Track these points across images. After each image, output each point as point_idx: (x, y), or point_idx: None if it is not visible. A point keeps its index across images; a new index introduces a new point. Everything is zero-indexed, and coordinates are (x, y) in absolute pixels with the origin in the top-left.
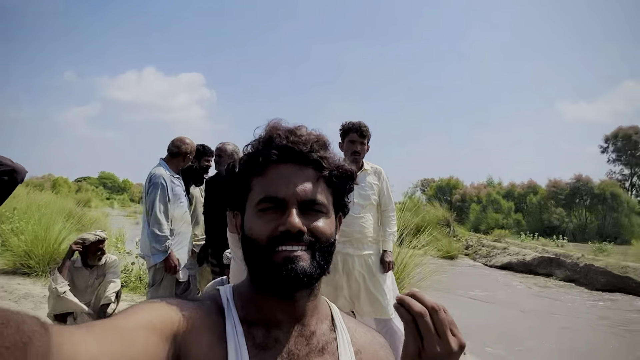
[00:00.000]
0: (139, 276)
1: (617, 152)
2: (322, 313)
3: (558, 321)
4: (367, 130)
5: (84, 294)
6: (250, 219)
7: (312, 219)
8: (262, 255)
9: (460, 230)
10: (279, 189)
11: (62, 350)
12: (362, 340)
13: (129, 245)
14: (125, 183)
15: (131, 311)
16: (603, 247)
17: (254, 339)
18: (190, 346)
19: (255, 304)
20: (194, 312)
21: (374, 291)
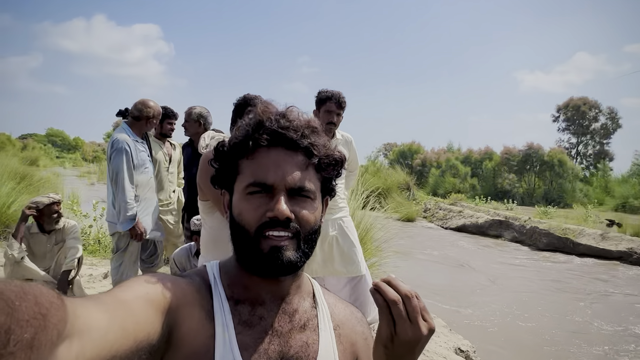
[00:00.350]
0: (98, 239)
1: (567, 121)
2: (305, 290)
3: (504, 278)
4: (344, 102)
5: (43, 261)
6: (238, 201)
7: (299, 205)
8: (250, 242)
9: (419, 194)
10: (268, 175)
11: (77, 321)
12: (341, 316)
13: (85, 207)
14: (77, 141)
15: (128, 284)
16: (547, 210)
17: (240, 317)
18: (182, 320)
19: (242, 283)
20: (186, 288)
21: (348, 251)
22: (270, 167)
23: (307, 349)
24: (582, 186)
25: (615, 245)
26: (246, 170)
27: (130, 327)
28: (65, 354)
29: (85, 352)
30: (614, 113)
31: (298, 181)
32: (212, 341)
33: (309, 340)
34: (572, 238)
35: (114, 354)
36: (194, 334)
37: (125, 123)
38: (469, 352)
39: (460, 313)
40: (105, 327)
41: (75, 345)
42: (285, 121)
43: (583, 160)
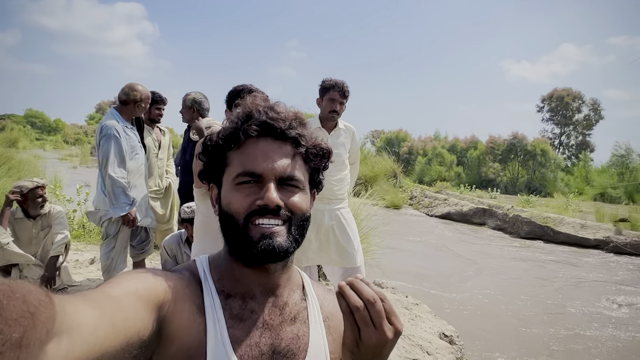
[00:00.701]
0: (82, 224)
1: (551, 112)
2: (294, 283)
3: (487, 264)
4: (348, 91)
5: (29, 246)
6: (227, 192)
7: (288, 194)
8: (239, 229)
9: (405, 182)
10: (257, 164)
11: (66, 318)
12: (330, 307)
13: (68, 192)
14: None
15: (118, 280)
16: (530, 199)
17: (231, 310)
18: (172, 316)
19: (232, 276)
20: (176, 283)
21: (343, 242)
22: (259, 156)
23: (297, 341)
24: (564, 176)
25: (593, 233)
26: (235, 161)
27: (120, 324)
28: (54, 352)
29: (74, 349)
30: (596, 104)
31: (287, 170)
32: (203, 335)
33: (300, 333)
34: (553, 226)
35: (104, 351)
36: (185, 329)
37: (114, 108)
38: (452, 337)
39: (445, 298)
40: (95, 323)
41: (64, 342)
42: (274, 113)
43: (565, 151)
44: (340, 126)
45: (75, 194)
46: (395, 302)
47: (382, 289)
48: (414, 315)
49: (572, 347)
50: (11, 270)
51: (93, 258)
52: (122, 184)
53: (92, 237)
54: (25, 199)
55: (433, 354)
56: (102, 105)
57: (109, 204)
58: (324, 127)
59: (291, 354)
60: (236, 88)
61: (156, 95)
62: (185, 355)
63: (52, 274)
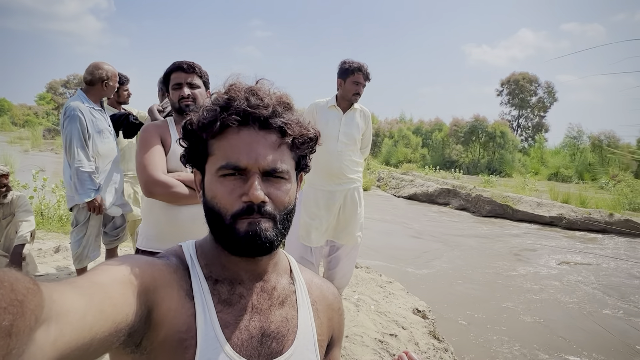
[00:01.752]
0: (40, 211)
1: (509, 95)
2: (282, 267)
3: (452, 242)
4: (370, 73)
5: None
6: (211, 183)
7: (273, 186)
8: (226, 226)
9: (373, 164)
10: (241, 157)
11: (54, 305)
12: (317, 292)
13: (21, 177)
14: (3, 103)
15: (104, 267)
16: (490, 179)
17: (220, 296)
18: (160, 301)
19: (219, 263)
20: (163, 269)
21: (350, 221)
22: (242, 148)
23: (287, 324)
24: (521, 157)
25: (547, 211)
26: (217, 152)
27: (108, 309)
28: (43, 339)
29: (63, 336)
30: (550, 87)
31: (271, 162)
32: (193, 320)
33: (288, 316)
34: (512, 205)
35: (92, 336)
36: (173, 313)
37: (81, 89)
38: (425, 312)
39: (416, 275)
40: (83, 310)
41: (53, 329)
42: (256, 99)
43: (523, 133)
44: (356, 107)
45: (31, 179)
46: (370, 280)
47: (356, 269)
48: (388, 293)
49: (529, 307)
50: None
51: (57, 247)
52: (86, 168)
53: (52, 224)
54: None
55: (408, 329)
56: (53, 84)
57: (73, 189)
58: (339, 107)
59: (280, 337)
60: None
61: (122, 77)
62: (175, 339)
63: (17, 262)
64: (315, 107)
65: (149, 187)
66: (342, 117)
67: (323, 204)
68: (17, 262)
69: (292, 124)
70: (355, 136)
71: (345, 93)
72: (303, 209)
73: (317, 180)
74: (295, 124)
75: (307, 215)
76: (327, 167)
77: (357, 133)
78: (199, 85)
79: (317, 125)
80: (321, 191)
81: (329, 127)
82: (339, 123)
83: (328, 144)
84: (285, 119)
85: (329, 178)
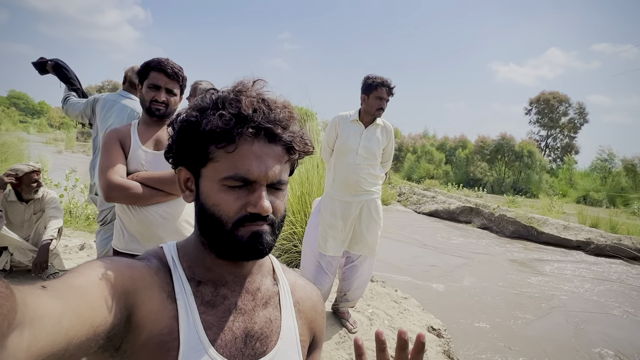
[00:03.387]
0: (69, 210)
1: (538, 114)
2: (266, 268)
3: (474, 261)
4: (393, 88)
5: (21, 230)
6: (212, 191)
7: (274, 196)
8: (227, 232)
9: (394, 178)
10: (252, 170)
11: (27, 309)
12: (301, 293)
13: (54, 176)
14: (42, 105)
15: (80, 271)
16: (515, 199)
17: (202, 297)
18: (140, 303)
19: (203, 265)
20: (143, 271)
21: (366, 232)
22: (252, 160)
23: (270, 325)
24: (549, 178)
25: (575, 235)
26: (223, 160)
27: (85, 313)
28: (16, 344)
29: (37, 341)
30: (582, 108)
31: (278, 175)
32: (175, 322)
33: (272, 317)
34: (537, 227)
35: (68, 341)
36: (154, 316)
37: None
38: (440, 330)
39: (432, 292)
40: (58, 314)
41: (26, 334)
42: (270, 111)
43: (551, 153)
44: (379, 122)
45: (63, 179)
46: (385, 295)
47: (371, 282)
48: (403, 309)
49: (552, 333)
50: (1, 253)
51: (83, 244)
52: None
53: (79, 223)
54: (20, 183)
55: None
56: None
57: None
58: (362, 121)
59: (264, 337)
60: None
61: None
62: (157, 342)
63: (44, 258)
64: (338, 119)
65: (107, 191)
66: (364, 132)
67: (340, 213)
68: (43, 258)
69: (297, 139)
70: (375, 151)
71: (368, 108)
72: (320, 218)
73: (335, 190)
74: (299, 139)
75: (324, 224)
76: (345, 179)
77: (378, 148)
78: (175, 93)
79: (338, 137)
80: (338, 201)
81: (349, 140)
82: (360, 137)
83: (347, 156)
84: (292, 134)
85: (346, 189)
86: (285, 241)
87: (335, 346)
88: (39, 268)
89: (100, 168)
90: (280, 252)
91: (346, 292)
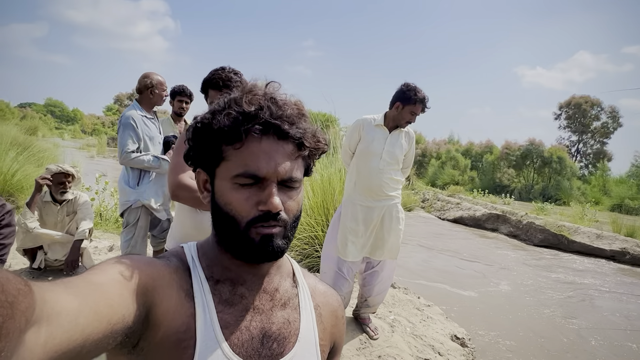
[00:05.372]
0: (100, 212)
1: (568, 119)
2: (285, 270)
3: (500, 270)
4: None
5: (53, 230)
6: (225, 190)
7: (287, 195)
8: (240, 232)
9: (418, 184)
10: (261, 167)
11: (45, 306)
12: (321, 297)
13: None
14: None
15: (101, 268)
16: (544, 207)
17: (220, 296)
18: (159, 301)
19: (221, 265)
20: (163, 269)
21: (388, 238)
22: (261, 157)
23: (288, 326)
24: (580, 184)
25: (609, 244)
26: (234, 159)
27: (103, 310)
28: (33, 340)
29: (54, 337)
30: (615, 112)
31: (289, 172)
32: (192, 320)
33: (290, 318)
34: (567, 235)
35: (85, 338)
36: (172, 314)
37: (136, 100)
38: (464, 340)
39: (457, 301)
40: (76, 311)
41: (44, 330)
42: (277, 108)
43: (583, 159)
44: (403, 128)
45: (94, 182)
46: (407, 302)
47: (394, 289)
48: (426, 317)
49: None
50: (37, 252)
51: (112, 245)
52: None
53: (109, 225)
54: (50, 182)
55: (444, 355)
56: (119, 96)
57: (125, 192)
58: (386, 125)
59: (282, 338)
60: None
61: (178, 88)
62: (173, 339)
63: (75, 256)
64: (362, 123)
65: (174, 190)
66: (388, 137)
67: (361, 218)
68: (74, 256)
69: (308, 136)
70: (398, 156)
71: (399, 117)
72: (341, 223)
73: (357, 195)
74: (310, 135)
75: (345, 229)
76: (368, 183)
77: (400, 153)
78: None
79: (362, 141)
80: (360, 206)
81: (373, 144)
82: (384, 142)
83: (371, 160)
84: (302, 130)
85: (369, 194)
86: (306, 246)
87: (355, 352)
88: (70, 266)
89: (171, 167)
90: (301, 256)
91: (367, 297)
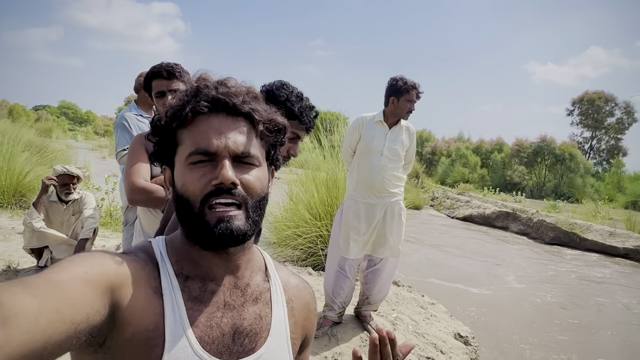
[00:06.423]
0: (110, 212)
1: (582, 115)
2: (256, 264)
3: (508, 268)
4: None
5: (60, 229)
6: (181, 173)
7: (244, 171)
8: (195, 214)
9: (427, 182)
10: (210, 142)
11: (3, 310)
12: (293, 291)
13: (97, 181)
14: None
15: (63, 265)
16: (556, 204)
17: (190, 292)
18: (125, 299)
19: (191, 259)
20: (129, 265)
21: (389, 236)
22: (212, 133)
23: (260, 321)
24: (594, 182)
25: (622, 242)
26: (186, 140)
27: (65, 310)
28: None
29: (12, 340)
30: (630, 107)
31: (242, 146)
32: (161, 318)
33: (262, 313)
34: (579, 233)
35: (46, 339)
36: (140, 312)
37: (134, 100)
38: (468, 338)
39: (462, 299)
40: (36, 312)
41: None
42: (224, 87)
43: (596, 156)
44: (403, 124)
45: (103, 183)
46: (411, 300)
47: (397, 287)
48: (430, 315)
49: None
50: (43, 252)
51: (119, 245)
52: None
53: (119, 224)
54: (56, 183)
55: (447, 353)
56: (130, 98)
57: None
58: (386, 122)
59: (253, 334)
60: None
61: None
62: (142, 338)
63: None
64: (361, 121)
65: (129, 194)
66: (388, 133)
67: (363, 216)
68: None
69: (260, 111)
70: (399, 152)
71: (398, 111)
72: (343, 221)
73: (358, 192)
74: (263, 111)
75: (346, 227)
76: (369, 181)
77: (401, 149)
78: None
79: (362, 139)
80: (362, 203)
81: (374, 141)
82: (384, 138)
83: (372, 158)
84: (253, 106)
85: (370, 191)
86: (311, 244)
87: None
88: None
89: (125, 171)
90: (306, 255)
91: (368, 295)
